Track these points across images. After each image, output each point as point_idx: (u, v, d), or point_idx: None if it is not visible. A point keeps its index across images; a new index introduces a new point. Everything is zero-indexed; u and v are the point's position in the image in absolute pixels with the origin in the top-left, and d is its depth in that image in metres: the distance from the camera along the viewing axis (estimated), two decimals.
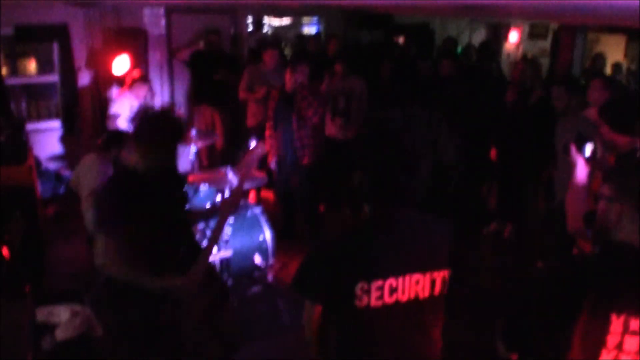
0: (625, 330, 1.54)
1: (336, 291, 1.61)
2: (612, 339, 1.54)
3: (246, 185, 4.35)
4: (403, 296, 1.64)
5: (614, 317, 1.53)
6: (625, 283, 1.54)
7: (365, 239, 1.66)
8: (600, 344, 1.55)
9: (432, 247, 1.71)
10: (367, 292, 1.59)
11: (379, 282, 1.60)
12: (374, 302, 1.61)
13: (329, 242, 1.75)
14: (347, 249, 1.65)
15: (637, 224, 1.57)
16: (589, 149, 2.40)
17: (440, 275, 1.70)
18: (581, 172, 2.41)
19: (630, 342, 1.54)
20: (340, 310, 1.64)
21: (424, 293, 1.67)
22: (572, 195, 2.43)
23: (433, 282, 1.68)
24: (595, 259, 1.71)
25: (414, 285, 1.65)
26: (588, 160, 2.41)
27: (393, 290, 1.62)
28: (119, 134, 4.12)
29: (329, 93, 5.56)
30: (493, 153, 5.33)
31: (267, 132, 4.95)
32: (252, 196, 4.82)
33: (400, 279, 1.63)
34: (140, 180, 2.36)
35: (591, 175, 2.43)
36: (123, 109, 5.19)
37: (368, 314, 1.61)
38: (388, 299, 1.62)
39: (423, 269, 1.67)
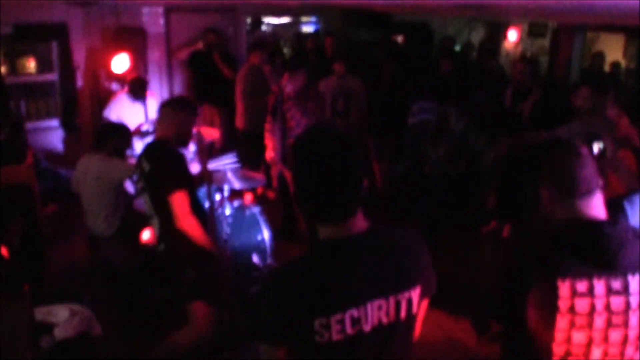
0: (574, 293, 1.64)
1: (294, 330, 1.47)
2: (563, 304, 1.64)
3: (244, 186, 4.37)
4: (366, 325, 1.50)
5: (560, 283, 1.63)
6: (564, 250, 1.67)
7: (319, 270, 1.50)
8: (554, 309, 1.64)
9: (395, 268, 1.54)
10: (327, 327, 1.46)
11: (338, 316, 1.46)
12: (335, 337, 1.47)
13: (278, 279, 1.58)
14: (300, 283, 1.49)
15: (561, 200, 1.75)
16: (596, 147, 2.42)
17: (406, 297, 1.55)
18: None
19: (581, 304, 1.64)
20: (301, 349, 1.49)
21: (389, 318, 1.53)
22: None
23: (398, 305, 1.54)
24: (537, 235, 1.81)
25: (376, 312, 1.51)
26: (595, 158, 2.43)
27: (355, 321, 1.48)
28: (113, 125, 4.13)
29: (327, 93, 5.56)
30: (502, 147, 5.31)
31: (266, 133, 4.95)
32: (249, 198, 4.82)
33: (362, 308, 1.49)
34: (175, 148, 3.04)
35: (603, 174, 2.46)
36: (118, 112, 5.18)
37: (330, 349, 1.48)
38: (350, 331, 1.48)
39: (385, 293, 1.51)
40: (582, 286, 1.64)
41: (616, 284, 1.65)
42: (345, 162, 1.49)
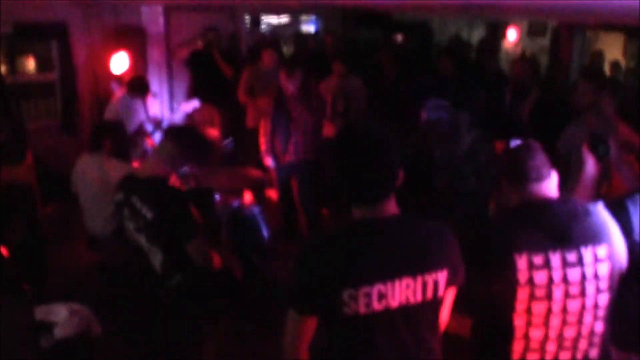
0: (531, 266, 1.74)
1: (323, 298, 1.56)
2: (522, 276, 1.74)
3: (243, 185, 4.37)
4: (393, 302, 1.58)
5: (516, 257, 1.74)
6: (519, 226, 1.81)
7: (350, 243, 1.61)
8: (514, 282, 1.74)
9: (423, 249, 1.64)
10: (355, 298, 1.54)
11: (366, 289, 1.55)
12: (362, 309, 1.55)
13: (311, 248, 1.69)
14: (331, 254, 1.59)
15: (514, 189, 1.93)
16: (601, 148, 2.43)
17: (432, 278, 1.62)
18: (590, 171, 2.45)
19: (539, 276, 1.75)
20: (329, 319, 1.59)
21: (416, 297, 1.61)
22: (580, 194, 2.47)
23: (424, 285, 1.61)
24: (496, 217, 2.07)
25: (404, 289, 1.59)
26: (599, 160, 2.44)
27: (382, 296, 1.56)
28: (107, 125, 4.10)
29: (327, 94, 5.56)
30: (498, 147, 5.32)
31: (262, 130, 4.95)
32: (248, 197, 4.83)
33: (389, 284, 1.57)
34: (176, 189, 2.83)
35: (608, 175, 2.50)
36: (118, 113, 5.18)
37: (357, 321, 1.57)
38: (377, 306, 1.56)
39: (413, 272, 1.60)
40: (538, 259, 1.74)
41: (571, 257, 1.76)
42: (382, 150, 1.62)
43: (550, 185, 1.91)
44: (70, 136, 6.25)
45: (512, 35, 9.00)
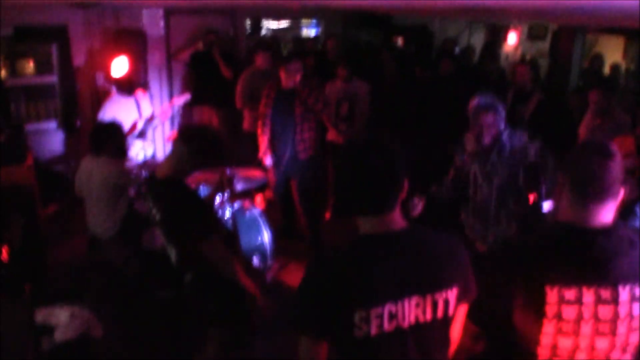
0: (562, 300, 1.61)
1: (335, 322, 1.50)
2: (550, 309, 1.62)
3: (246, 186, 4.35)
4: (403, 322, 1.53)
5: (548, 289, 1.61)
6: (555, 257, 1.64)
7: (359, 262, 1.54)
8: (541, 314, 1.62)
9: (433, 266, 1.58)
10: (367, 320, 1.49)
11: (378, 309, 1.50)
12: (374, 331, 1.50)
13: (320, 269, 1.61)
14: (341, 275, 1.53)
15: (573, 205, 1.67)
16: None
17: (443, 297, 1.57)
18: None
19: (568, 311, 1.62)
20: (340, 342, 1.53)
21: (426, 317, 1.56)
22: None
23: (435, 304, 1.56)
24: (528, 238, 1.79)
25: (413, 309, 1.54)
26: None
27: (392, 316, 1.52)
28: (107, 127, 4.08)
29: (332, 98, 5.53)
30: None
31: (259, 130, 4.93)
32: (259, 200, 4.81)
33: (399, 304, 1.52)
34: (185, 185, 2.79)
35: None
36: (112, 112, 5.17)
37: (368, 343, 1.51)
38: (388, 326, 1.52)
39: (422, 290, 1.55)
40: (570, 294, 1.62)
41: (606, 294, 1.62)
42: (388, 160, 1.58)
43: (612, 207, 1.68)
44: (70, 138, 6.24)
45: (512, 38, 9.02)
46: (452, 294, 1.59)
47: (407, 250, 1.57)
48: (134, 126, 5.08)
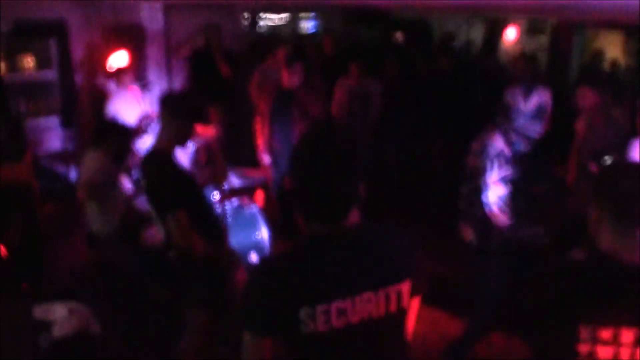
0: (596, 340, 1.52)
1: (280, 319, 1.49)
2: (583, 348, 1.53)
3: (246, 183, 4.36)
4: (354, 317, 1.52)
5: (582, 328, 1.52)
6: (594, 295, 1.53)
7: (305, 261, 1.54)
8: (573, 352, 1.54)
9: (384, 261, 1.57)
10: (312, 317, 1.48)
11: (324, 306, 1.49)
12: (321, 327, 1.49)
13: (266, 267, 1.61)
14: (286, 273, 1.52)
15: (617, 233, 1.55)
16: (608, 160, 2.45)
17: (395, 290, 1.56)
18: None
19: (603, 352, 1.53)
20: (288, 339, 1.51)
21: (379, 312, 1.55)
22: None
23: (387, 298, 1.55)
24: (566, 270, 1.66)
25: (365, 305, 1.53)
26: None
27: (341, 313, 1.50)
28: (112, 125, 4.10)
29: (344, 95, 5.53)
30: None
31: (258, 126, 4.93)
32: (259, 197, 4.80)
33: (349, 300, 1.51)
34: (172, 159, 2.81)
35: None
36: (115, 107, 5.19)
37: (317, 339, 1.50)
38: (337, 323, 1.50)
39: (374, 286, 1.54)
40: (607, 334, 1.51)
41: None
42: (341, 167, 1.51)
43: None
44: (70, 134, 6.24)
45: (511, 33, 8.99)
46: (405, 286, 1.58)
47: (357, 247, 1.55)
48: (139, 121, 5.08)
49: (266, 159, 4.93)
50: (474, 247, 3.07)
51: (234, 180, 4.21)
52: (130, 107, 5.23)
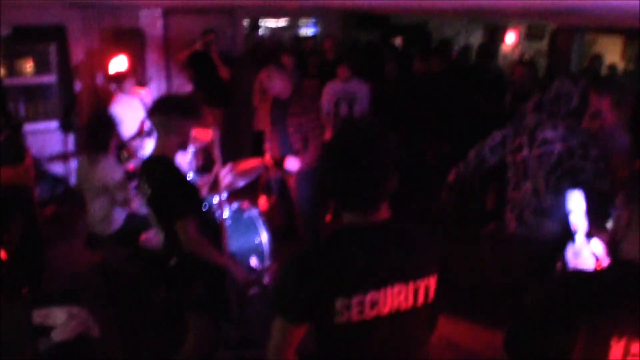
0: (626, 354, 1.44)
1: (316, 308, 1.53)
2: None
3: (247, 179, 4.33)
4: (384, 308, 1.57)
5: (614, 342, 1.43)
6: (627, 305, 1.44)
7: (342, 252, 1.57)
8: None
9: (414, 255, 1.62)
10: (348, 307, 1.52)
11: (359, 297, 1.53)
12: (355, 317, 1.53)
13: (304, 256, 1.63)
14: (323, 263, 1.55)
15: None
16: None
17: (424, 284, 1.61)
18: None
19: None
20: (320, 327, 1.56)
21: (407, 304, 1.60)
22: None
23: (416, 292, 1.60)
24: (594, 278, 1.58)
25: (396, 297, 1.57)
26: None
27: (374, 304, 1.55)
28: (99, 120, 4.06)
29: (331, 97, 5.52)
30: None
31: (267, 138, 4.92)
32: (262, 201, 4.79)
33: (382, 291, 1.55)
34: (175, 165, 2.78)
35: None
36: (117, 111, 5.17)
37: (349, 329, 1.54)
38: (369, 313, 1.55)
39: (404, 278, 1.58)
40: (636, 348, 1.44)
41: None
42: (374, 159, 1.54)
43: None
44: (69, 138, 6.24)
45: (510, 38, 9.02)
46: (432, 281, 1.64)
47: (390, 240, 1.60)
48: (142, 125, 5.07)
49: (269, 159, 4.93)
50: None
51: (234, 180, 4.18)
52: (132, 111, 5.22)
